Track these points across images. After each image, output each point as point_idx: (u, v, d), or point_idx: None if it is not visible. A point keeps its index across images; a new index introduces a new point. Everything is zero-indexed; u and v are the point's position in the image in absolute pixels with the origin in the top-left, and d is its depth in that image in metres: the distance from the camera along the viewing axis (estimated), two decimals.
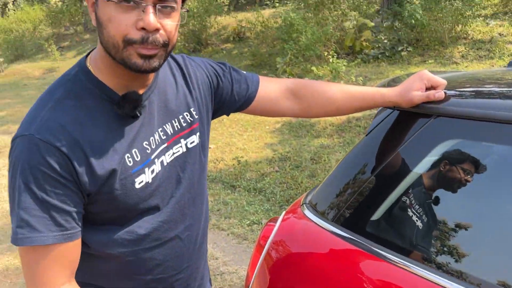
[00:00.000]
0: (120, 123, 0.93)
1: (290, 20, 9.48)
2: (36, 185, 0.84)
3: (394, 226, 1.16)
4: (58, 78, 0.97)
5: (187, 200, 1.06)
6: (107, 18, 0.86)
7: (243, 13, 15.25)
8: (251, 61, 11.70)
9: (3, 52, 20.77)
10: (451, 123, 1.07)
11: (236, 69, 1.24)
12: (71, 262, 0.91)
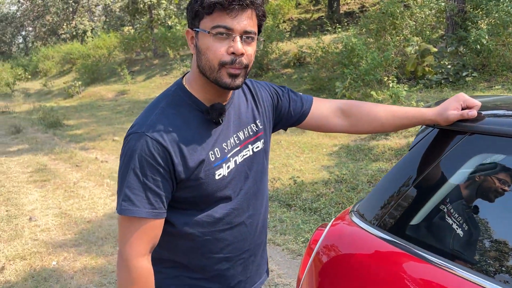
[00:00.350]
0: (207, 127, 1.19)
1: (351, 45, 9.63)
2: (140, 170, 1.10)
3: (432, 230, 1.29)
4: (162, 93, 1.25)
5: (252, 193, 1.29)
6: (206, 47, 1.13)
7: (304, 39, 15.59)
8: (310, 86, 11.92)
9: (81, 76, 22.60)
10: (483, 139, 1.20)
11: (294, 91, 1.46)
12: (153, 238, 1.14)
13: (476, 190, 1.25)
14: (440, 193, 1.28)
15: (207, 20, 1.11)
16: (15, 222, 4.59)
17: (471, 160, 1.24)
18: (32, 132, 11.04)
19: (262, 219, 1.36)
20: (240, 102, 1.31)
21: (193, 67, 1.20)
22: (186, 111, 1.18)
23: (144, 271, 1.13)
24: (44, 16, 41.35)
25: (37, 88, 25.02)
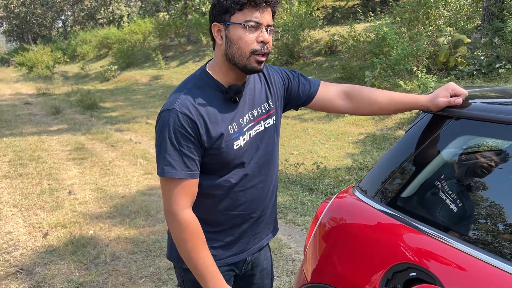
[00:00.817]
0: (226, 105, 1.41)
1: (382, 34, 9.60)
2: (176, 140, 1.32)
3: (420, 202, 1.47)
4: (188, 77, 1.47)
5: (262, 162, 1.50)
6: (238, 37, 1.33)
7: (337, 27, 15.53)
8: (340, 74, 11.94)
9: (116, 60, 23.26)
10: (466, 123, 1.36)
11: (304, 75, 1.64)
12: (192, 194, 1.38)
13: (459, 166, 1.42)
14: (428, 169, 1.45)
15: (239, 15, 1.32)
16: (56, 194, 4.98)
17: (455, 140, 1.41)
18: (70, 113, 11.59)
19: (273, 185, 1.58)
20: (255, 84, 1.51)
21: (217, 55, 1.41)
22: (208, 92, 1.40)
23: (191, 219, 1.36)
24: (83, 1, 42.47)
25: (75, 72, 25.93)
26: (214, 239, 1.49)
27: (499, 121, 1.26)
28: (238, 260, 1.55)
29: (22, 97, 15.73)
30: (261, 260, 1.66)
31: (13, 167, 6.22)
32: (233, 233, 1.51)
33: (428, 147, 1.47)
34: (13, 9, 49.07)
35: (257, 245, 1.60)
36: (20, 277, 3.20)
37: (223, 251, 1.51)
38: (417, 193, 1.48)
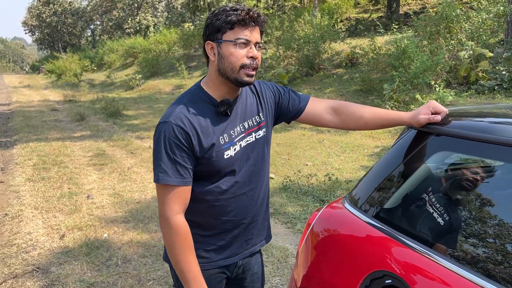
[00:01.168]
0: (218, 118, 1.52)
1: (402, 47, 9.59)
2: (170, 150, 1.44)
3: (402, 213, 1.54)
4: (185, 92, 1.59)
5: (252, 171, 1.60)
6: (229, 53, 1.45)
7: (359, 39, 15.57)
8: (360, 87, 11.96)
9: (141, 69, 23.81)
10: (445, 139, 1.43)
11: (295, 91, 1.74)
12: (184, 200, 1.48)
13: (438, 181, 1.48)
14: (409, 182, 1.52)
15: (230, 33, 1.44)
16: (75, 198, 5.18)
17: (435, 155, 1.48)
18: (94, 120, 11.95)
19: (263, 193, 1.67)
20: (247, 98, 1.62)
21: (210, 71, 1.53)
22: (202, 105, 1.51)
23: (181, 224, 1.47)
24: (111, 11, 43.66)
25: (101, 79, 26.63)
26: (207, 243, 1.59)
27: (473, 139, 1.33)
28: (230, 263, 1.64)
29: (49, 104, 16.27)
30: (252, 264, 1.75)
31: (36, 171, 6.48)
32: (225, 237, 1.60)
33: (410, 161, 1.54)
34: (45, 18, 50.85)
35: (249, 250, 1.70)
36: (36, 275, 3.37)
37: (215, 254, 1.61)
38: (399, 205, 1.55)
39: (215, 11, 1.49)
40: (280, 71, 13.64)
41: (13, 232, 4.25)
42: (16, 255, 3.73)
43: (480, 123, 1.40)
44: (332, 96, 11.93)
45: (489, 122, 1.40)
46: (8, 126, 11.26)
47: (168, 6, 42.67)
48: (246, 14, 1.43)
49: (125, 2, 41.59)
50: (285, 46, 15.35)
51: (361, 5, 24.79)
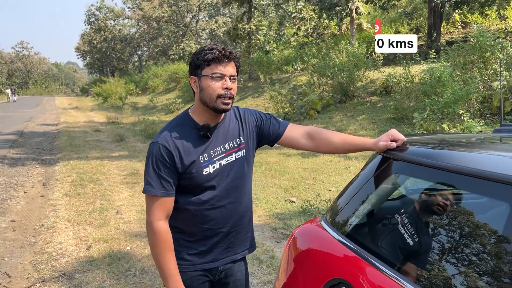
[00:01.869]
0: (200, 139, 1.77)
1: (438, 73, 9.58)
2: (156, 166, 1.69)
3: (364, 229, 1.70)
4: (174, 117, 1.84)
5: (231, 187, 1.81)
6: (207, 86, 1.71)
7: (396, 67, 15.60)
8: (393, 115, 11.96)
9: (182, 94, 24.73)
10: (401, 164, 1.60)
11: (276, 118, 1.96)
12: (166, 209, 1.71)
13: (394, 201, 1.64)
14: (367, 198, 1.70)
15: (207, 69, 1.71)
16: (105, 213, 5.55)
17: (390, 177, 1.65)
18: (133, 141, 12.55)
19: (243, 207, 1.87)
20: (230, 122, 1.86)
21: (195, 101, 1.79)
22: (187, 129, 1.77)
23: (162, 229, 1.70)
24: (158, 38, 45.68)
25: (144, 103, 27.80)
26: (190, 247, 1.81)
27: (420, 164, 1.50)
28: (211, 267, 1.85)
29: (93, 125, 17.20)
30: (235, 271, 1.94)
31: (73, 187, 6.95)
32: (205, 243, 1.82)
33: (375, 183, 1.72)
34: (96, 44, 53.85)
35: (230, 258, 1.89)
36: (61, 281, 3.68)
37: (197, 257, 1.82)
38: (360, 221, 1.72)
39: (197, 51, 1.77)
40: (313, 98, 13.86)
41: (46, 241, 4.62)
42: (46, 262, 4.07)
43: (427, 149, 1.56)
44: (364, 124, 11.99)
45: (437, 149, 1.55)
46: (53, 144, 12.04)
47: (211, 34, 44.20)
48: (219, 52, 1.69)
49: (171, 30, 43.49)
50: (319, 73, 15.61)
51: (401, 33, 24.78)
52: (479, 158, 1.33)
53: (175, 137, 1.73)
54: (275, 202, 5.95)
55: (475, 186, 1.29)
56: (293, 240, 2.00)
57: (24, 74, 78.07)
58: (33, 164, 9.15)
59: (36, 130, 16.01)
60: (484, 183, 1.21)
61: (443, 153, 1.48)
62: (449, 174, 1.38)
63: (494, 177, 1.18)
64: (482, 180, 1.22)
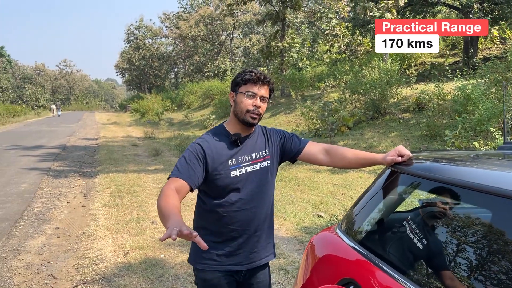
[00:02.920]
0: (231, 146, 2.02)
1: (467, 93, 9.55)
2: (188, 157, 1.93)
3: (374, 236, 1.88)
4: (212, 128, 2.11)
5: (255, 193, 2.03)
6: (240, 101, 1.99)
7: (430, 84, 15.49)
8: (425, 132, 11.89)
9: (216, 110, 25.29)
10: (405, 177, 1.79)
11: (298, 136, 2.19)
12: (179, 189, 1.79)
13: (396, 205, 1.82)
14: (376, 208, 1.88)
15: (243, 87, 1.99)
16: (141, 223, 5.87)
17: (397, 189, 1.83)
18: (168, 155, 13.00)
19: (265, 213, 2.09)
20: (258, 137, 2.12)
21: (231, 113, 2.06)
22: (221, 136, 2.04)
23: (168, 191, 1.79)
24: (193, 56, 46.93)
25: (179, 119, 28.56)
26: (218, 248, 2.04)
27: (422, 177, 1.68)
28: (237, 269, 2.06)
29: (131, 140, 17.87)
30: (258, 273, 2.14)
31: (112, 198, 7.35)
32: (232, 244, 2.04)
33: (381, 194, 1.90)
34: (134, 62, 55.76)
35: (256, 263, 2.10)
36: (101, 283, 3.98)
37: (225, 258, 2.04)
38: (370, 228, 1.90)
39: (239, 72, 2.06)
40: (344, 115, 13.94)
41: (87, 247, 4.97)
42: (87, 266, 4.40)
43: (427, 164, 1.74)
44: (396, 141, 11.98)
45: (438, 163, 1.73)
46: (94, 158, 12.64)
47: (245, 52, 45.02)
48: (256, 75, 1.97)
49: (206, 48, 44.61)
50: (351, 90, 15.71)
51: None
52: (468, 172, 1.50)
53: (211, 141, 2.01)
54: (303, 216, 6.11)
55: (463, 196, 1.46)
56: (310, 247, 2.19)
57: (66, 90, 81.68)
58: (75, 176, 9.69)
59: (78, 144, 16.81)
60: (470, 193, 1.39)
61: (439, 167, 1.66)
62: (443, 186, 1.56)
63: (477, 187, 1.35)
64: (469, 190, 1.39)
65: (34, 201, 7.38)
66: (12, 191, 8.14)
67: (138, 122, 28.78)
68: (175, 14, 49.37)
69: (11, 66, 69.44)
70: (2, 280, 4.17)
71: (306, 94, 21.58)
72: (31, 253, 4.88)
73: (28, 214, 6.52)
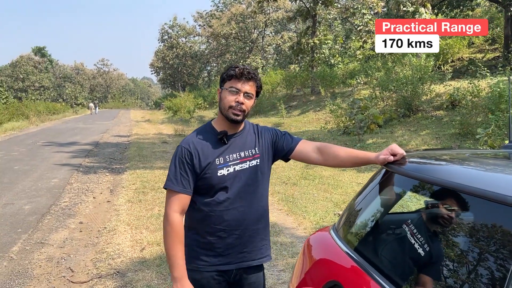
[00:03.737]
0: (218, 144, 1.99)
1: (498, 91, 9.16)
2: (178, 165, 1.93)
3: (360, 234, 1.81)
4: (199, 126, 2.08)
5: (243, 191, 1.99)
6: (224, 96, 1.97)
7: (460, 81, 14.94)
8: (458, 130, 11.47)
9: None
10: (397, 176, 1.71)
11: (290, 135, 2.13)
12: (183, 205, 1.92)
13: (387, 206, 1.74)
14: (368, 209, 1.80)
15: (228, 83, 1.96)
16: (161, 219, 5.91)
17: (389, 189, 1.75)
18: None
19: (256, 212, 2.04)
20: (248, 135, 2.07)
21: (218, 111, 2.02)
22: (207, 135, 2.01)
23: (177, 221, 1.90)
24: (225, 54, 47.24)
25: (210, 116, 28.78)
26: (206, 248, 2.01)
27: (411, 177, 1.60)
28: (226, 269, 2.02)
29: (162, 137, 18.18)
30: (249, 275, 2.08)
31: (136, 194, 7.49)
32: (220, 244, 2.00)
33: (372, 192, 1.83)
34: (168, 60, 56.70)
35: (246, 263, 2.05)
36: (115, 278, 4.05)
37: (214, 258, 2.01)
38: (360, 230, 1.83)
39: (227, 67, 2.03)
40: (374, 112, 13.65)
41: (107, 242, 5.08)
42: (104, 260, 4.49)
43: (419, 164, 1.65)
44: (427, 139, 11.62)
45: (429, 164, 1.64)
46: (124, 155, 12.94)
47: (277, 49, 44.90)
48: (239, 71, 1.93)
49: (238, 46, 44.80)
50: (382, 87, 15.36)
51: (475, 44, 23.62)
52: (457, 172, 1.41)
53: (196, 141, 1.98)
54: (324, 216, 6.01)
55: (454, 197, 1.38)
56: (307, 246, 2.14)
57: (104, 89, 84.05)
58: (104, 172, 9.94)
59: (110, 141, 17.26)
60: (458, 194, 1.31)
61: (430, 168, 1.57)
62: (435, 187, 1.48)
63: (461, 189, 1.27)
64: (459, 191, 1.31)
65: (62, 196, 7.62)
66: (43, 186, 8.44)
67: (171, 120, 29.23)
68: (208, 13, 49.81)
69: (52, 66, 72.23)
70: (23, 271, 4.32)
71: (337, 91, 21.28)
72: (53, 246, 5.04)
73: (55, 209, 6.74)
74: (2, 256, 4.74)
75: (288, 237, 5.09)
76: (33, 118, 30.34)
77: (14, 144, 16.26)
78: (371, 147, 11.51)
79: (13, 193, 7.81)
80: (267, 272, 4.06)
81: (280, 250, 4.63)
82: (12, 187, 8.32)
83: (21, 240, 5.24)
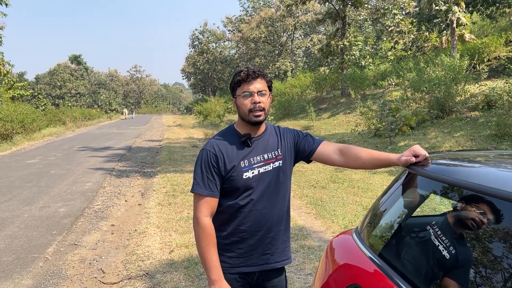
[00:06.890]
0: (242, 147, 2.00)
1: None
2: (204, 168, 1.95)
3: (384, 237, 1.78)
4: (222, 129, 2.10)
5: (267, 193, 2.00)
6: (240, 103, 1.98)
7: (495, 81, 14.44)
8: (495, 131, 11.09)
9: (275, 111, 25.31)
10: (419, 178, 1.66)
11: (312, 136, 2.12)
12: (211, 207, 1.94)
13: (412, 209, 1.70)
14: (391, 211, 1.77)
15: (238, 90, 1.98)
16: (190, 222, 6.00)
17: (412, 191, 1.71)
18: None
19: (279, 214, 2.04)
20: (270, 137, 2.08)
21: (238, 115, 2.03)
22: (231, 138, 2.02)
23: (207, 224, 1.93)
24: (255, 58, 47.41)
25: None
26: (229, 250, 2.02)
27: (434, 179, 1.56)
28: (247, 271, 2.03)
29: (192, 141, 18.41)
30: (272, 277, 2.09)
31: (166, 197, 7.61)
32: (242, 246, 2.01)
33: (397, 196, 1.79)
34: (199, 66, 57.44)
35: (270, 265, 2.05)
36: (144, 279, 4.13)
37: (236, 260, 2.03)
38: (382, 233, 1.80)
39: (233, 75, 2.04)
40: (406, 114, 13.37)
41: (137, 244, 5.18)
42: (134, 262, 4.58)
43: (441, 166, 1.61)
44: (461, 141, 11.28)
45: (452, 165, 1.60)
46: (155, 159, 13.18)
47: (306, 52, 44.72)
48: (244, 73, 1.95)
49: (267, 50, 44.90)
50: (413, 88, 15.03)
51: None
52: (481, 173, 1.37)
53: (221, 144, 1.99)
54: (352, 219, 5.93)
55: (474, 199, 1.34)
56: (330, 249, 2.12)
57: (137, 94, 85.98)
58: (136, 176, 10.15)
59: (142, 145, 17.62)
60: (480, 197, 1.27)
61: (451, 169, 1.53)
62: (457, 189, 1.44)
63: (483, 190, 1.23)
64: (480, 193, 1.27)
65: (95, 199, 7.83)
66: (77, 189, 8.70)
67: (201, 124, 29.57)
68: (237, 18, 50.19)
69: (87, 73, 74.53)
70: (57, 272, 4.46)
71: (368, 93, 20.98)
72: (86, 248, 5.18)
73: (89, 212, 6.94)
74: (38, 257, 4.92)
75: (316, 240, 5.05)
76: (69, 124, 31.35)
77: (52, 149, 16.84)
78: (403, 150, 11.27)
79: (49, 196, 8.09)
80: (294, 276, 4.04)
81: (307, 253, 4.59)
82: (49, 190, 8.62)
83: (56, 242, 5.42)
